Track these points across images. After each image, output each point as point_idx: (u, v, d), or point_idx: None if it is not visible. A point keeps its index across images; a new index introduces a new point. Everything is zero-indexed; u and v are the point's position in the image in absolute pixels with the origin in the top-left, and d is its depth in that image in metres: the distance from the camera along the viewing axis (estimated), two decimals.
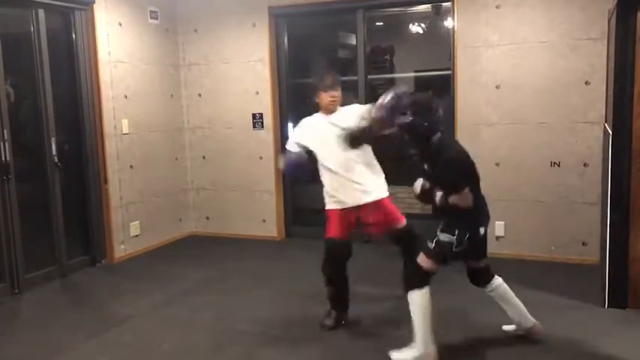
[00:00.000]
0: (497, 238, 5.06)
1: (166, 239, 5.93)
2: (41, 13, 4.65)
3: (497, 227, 5.04)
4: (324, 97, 3.73)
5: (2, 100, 4.35)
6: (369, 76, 5.74)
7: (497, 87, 4.93)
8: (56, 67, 4.83)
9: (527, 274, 4.60)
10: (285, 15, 5.77)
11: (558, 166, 4.83)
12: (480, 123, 5.01)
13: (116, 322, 3.87)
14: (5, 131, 4.32)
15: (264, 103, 5.80)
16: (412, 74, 7.53)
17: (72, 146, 5.03)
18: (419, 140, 3.12)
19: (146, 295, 4.40)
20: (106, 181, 5.18)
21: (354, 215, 3.76)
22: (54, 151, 4.76)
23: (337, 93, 3.73)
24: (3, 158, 4.28)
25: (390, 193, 3.96)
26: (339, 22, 7.11)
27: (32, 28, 4.64)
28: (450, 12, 5.28)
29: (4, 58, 4.37)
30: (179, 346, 3.49)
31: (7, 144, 4.33)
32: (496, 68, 4.92)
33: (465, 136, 5.05)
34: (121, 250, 5.36)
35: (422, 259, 3.18)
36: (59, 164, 4.79)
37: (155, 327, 3.79)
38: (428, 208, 6.42)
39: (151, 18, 5.68)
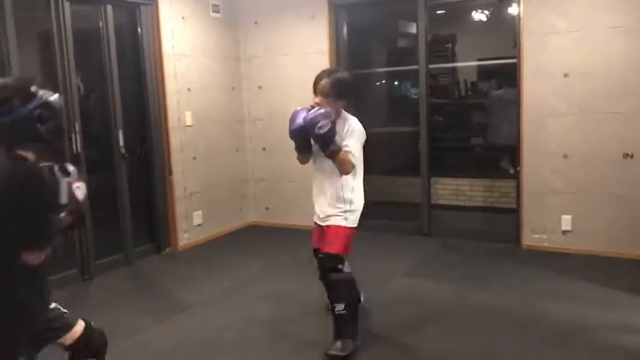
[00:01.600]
0: (564, 232, 4.87)
1: (227, 229, 6.05)
2: (109, 9, 4.81)
3: (564, 221, 4.85)
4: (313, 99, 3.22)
5: (74, 94, 4.54)
6: (431, 65, 5.62)
7: (566, 75, 4.72)
8: (123, 61, 4.99)
9: (594, 269, 4.43)
10: (344, 6, 5.73)
11: (631, 157, 4.58)
12: (547, 113, 4.82)
13: (179, 309, 3.98)
14: (76, 124, 4.51)
15: None
16: (474, 63, 7.35)
17: (138, 138, 5.20)
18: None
19: (208, 283, 4.51)
20: (170, 172, 5.33)
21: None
22: (121, 143, 4.93)
23: (319, 101, 3.16)
24: (74, 149, 4.47)
25: (453, 185, 3.74)
26: (399, 11, 7.01)
27: (101, 24, 4.81)
28: None
29: (75, 53, 4.55)
30: (240, 334, 3.56)
31: (78, 136, 4.52)
32: (564, 56, 4.71)
33: (530, 127, 4.90)
34: (184, 238, 5.51)
35: None
36: (126, 155, 4.97)
37: (216, 315, 3.88)
38: (491, 201, 6.29)
39: (213, 11, 5.78)
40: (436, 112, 6.29)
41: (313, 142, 3.16)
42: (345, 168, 3.15)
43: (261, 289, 4.34)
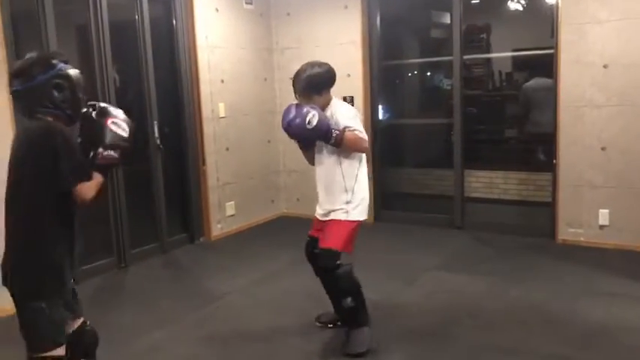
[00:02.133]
0: (601, 226, 4.77)
1: (259, 219, 6.09)
2: (145, 1, 4.87)
3: (602, 215, 4.75)
4: None
5: (110, 86, 4.62)
6: (465, 56, 5.54)
7: (605, 66, 4.60)
8: (158, 53, 5.05)
9: (632, 265, 4.34)
10: None
11: None
12: (584, 105, 4.71)
13: (212, 299, 4.04)
14: None
15: (355, 85, 5.77)
16: (510, 53, 7.21)
17: (172, 129, 5.27)
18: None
19: (240, 273, 4.56)
20: (204, 162, 5.39)
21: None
22: (156, 134, 5.01)
23: (300, 100, 3.15)
24: None
25: (487, 178, 3.67)
26: (432, 0, 6.92)
27: (136, 16, 4.88)
28: None
29: (111, 45, 4.62)
30: (271, 325, 3.59)
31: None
32: (604, 46, 4.58)
33: (567, 118, 4.80)
34: (217, 228, 5.58)
35: None
36: (161, 146, 5.04)
37: (248, 305, 3.92)
38: (526, 194, 6.18)
39: (246, 3, 5.80)
40: (470, 104, 6.21)
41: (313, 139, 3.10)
42: (359, 146, 3.07)
43: (292, 280, 4.37)
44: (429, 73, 8.10)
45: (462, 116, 5.45)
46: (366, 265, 4.63)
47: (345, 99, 5.80)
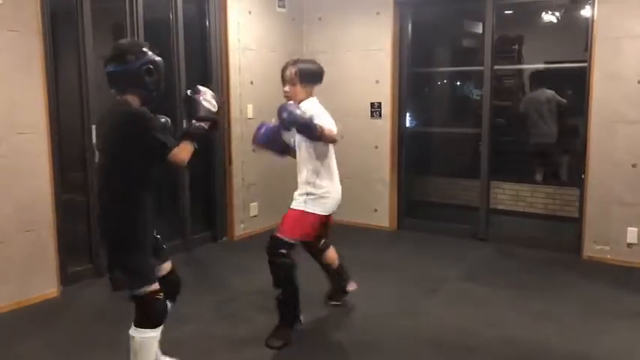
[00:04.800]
0: (629, 245, 4.68)
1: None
2: (179, 1, 4.95)
3: (630, 233, 4.66)
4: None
5: None
6: (496, 67, 5.50)
7: None
8: (190, 52, 5.12)
9: None
10: (410, 3, 5.69)
11: None
12: (617, 120, 4.64)
13: (234, 298, 4.07)
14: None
15: (384, 92, 5.77)
16: (542, 65, 7.14)
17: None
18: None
19: (261, 273, 4.55)
20: (230, 162, 5.44)
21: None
22: None
23: (287, 87, 3.39)
24: None
25: (513, 191, 3.72)
26: (465, 10, 6.90)
27: (171, 16, 4.95)
28: (588, 0, 4.91)
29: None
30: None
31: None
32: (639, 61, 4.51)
33: (598, 134, 4.73)
34: (240, 229, 5.62)
35: None
36: None
37: (267, 306, 3.93)
38: (552, 208, 6.11)
39: (279, 7, 5.85)
40: (499, 115, 6.17)
41: (297, 134, 3.33)
42: (332, 137, 3.29)
43: (310, 282, 4.36)
44: (458, 82, 8.07)
45: (491, 127, 5.40)
46: (387, 272, 4.65)
47: (373, 105, 5.83)
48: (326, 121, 3.28)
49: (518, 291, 4.17)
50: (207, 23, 5.25)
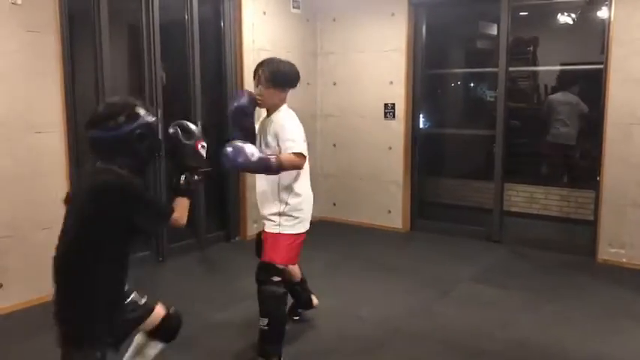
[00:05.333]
0: None
1: None
2: (195, 2, 4.99)
3: None
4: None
5: (158, 84, 4.73)
6: (511, 68, 5.47)
7: None
8: (205, 53, 5.15)
9: None
10: (425, 4, 5.68)
11: None
12: (634, 122, 4.59)
13: (244, 297, 4.07)
14: (159, 111, 4.71)
15: (398, 93, 5.77)
16: (557, 67, 7.09)
17: (215, 128, 5.36)
18: None
19: None
20: None
21: None
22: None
23: (259, 91, 3.01)
24: None
25: (527, 193, 3.62)
26: (480, 11, 6.87)
27: (186, 16, 4.99)
28: (605, 1, 4.87)
29: (160, 44, 4.74)
30: (304, 327, 3.61)
31: (160, 124, 4.70)
32: None
33: (614, 135, 4.69)
34: (253, 228, 5.62)
35: None
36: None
37: None
38: (567, 211, 6.06)
39: (293, 7, 5.87)
40: (513, 117, 6.13)
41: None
42: (296, 165, 2.92)
43: (324, 284, 4.38)
44: (472, 84, 8.03)
45: (505, 128, 5.38)
46: (399, 273, 4.65)
47: (386, 105, 5.83)
48: (290, 145, 2.90)
49: (532, 293, 4.14)
50: (222, 24, 5.29)
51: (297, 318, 3.63)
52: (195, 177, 2.30)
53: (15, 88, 3.75)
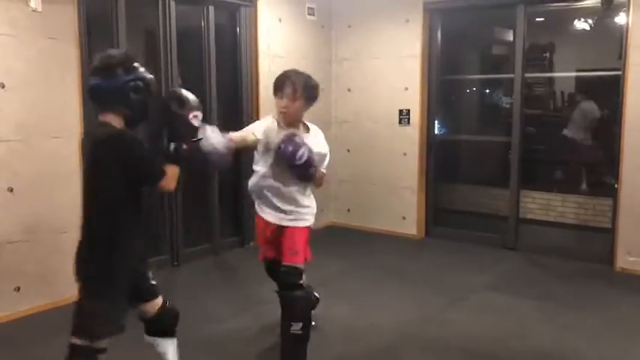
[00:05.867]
0: None
1: None
2: (212, 9, 5.03)
3: None
4: (276, 104, 3.01)
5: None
6: (526, 75, 5.44)
7: None
8: (221, 59, 5.19)
9: None
10: (440, 10, 5.67)
11: None
12: None
13: (258, 302, 4.09)
14: None
15: (412, 99, 5.76)
16: (573, 74, 7.04)
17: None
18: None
19: None
20: None
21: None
22: None
23: (286, 103, 2.94)
24: None
25: (543, 200, 3.57)
26: (495, 17, 6.85)
27: (203, 23, 5.04)
28: (623, 7, 4.83)
29: (177, 49, 4.78)
30: (316, 333, 3.60)
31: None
32: None
33: (632, 142, 4.64)
34: None
35: None
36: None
37: None
38: (584, 218, 6.00)
39: (308, 14, 5.90)
40: (529, 123, 6.10)
41: (290, 170, 2.90)
42: (319, 184, 3.11)
43: (337, 290, 4.38)
44: (487, 90, 8.00)
45: (521, 135, 5.34)
46: (413, 280, 4.62)
47: (401, 112, 5.82)
48: (326, 161, 3.05)
49: (548, 302, 4.10)
50: (238, 30, 5.32)
51: None
52: (184, 146, 2.32)
53: (34, 93, 3.80)
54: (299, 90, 2.94)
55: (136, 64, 2.27)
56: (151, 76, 2.32)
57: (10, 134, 3.70)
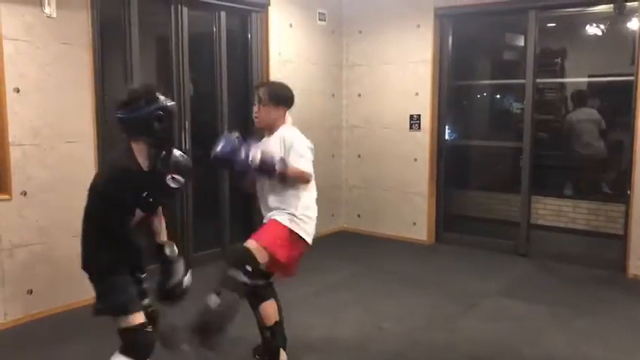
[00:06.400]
0: None
1: (319, 232, 6.05)
2: (223, 15, 5.06)
3: None
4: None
5: (186, 94, 4.81)
6: (538, 80, 5.42)
7: None
8: (232, 64, 5.22)
9: None
10: (451, 16, 5.67)
11: None
12: None
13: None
14: (186, 122, 4.78)
15: (423, 104, 5.75)
16: (585, 79, 7.01)
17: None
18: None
19: (298, 284, 4.58)
20: None
21: None
22: None
23: (257, 109, 3.10)
24: (183, 146, 4.73)
25: (555, 206, 3.57)
26: (506, 22, 6.83)
27: (214, 29, 5.07)
28: (635, 12, 4.81)
29: (189, 55, 4.81)
30: (327, 337, 3.61)
31: (187, 134, 4.78)
32: None
33: None
34: None
35: None
36: None
37: (305, 316, 3.95)
38: (596, 224, 5.95)
39: (319, 20, 5.92)
40: (540, 129, 6.07)
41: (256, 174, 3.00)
42: (302, 181, 3.04)
43: (348, 294, 4.38)
44: (498, 96, 7.97)
45: (532, 141, 5.32)
46: (424, 286, 4.61)
47: (412, 117, 5.82)
48: (298, 160, 2.99)
49: (560, 308, 4.07)
50: (249, 36, 5.35)
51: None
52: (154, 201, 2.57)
53: (48, 98, 3.84)
54: (264, 97, 3.09)
55: (157, 95, 2.48)
56: (171, 103, 2.52)
57: (24, 138, 3.74)
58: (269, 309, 3.17)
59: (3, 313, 3.73)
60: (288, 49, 5.57)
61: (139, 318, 2.48)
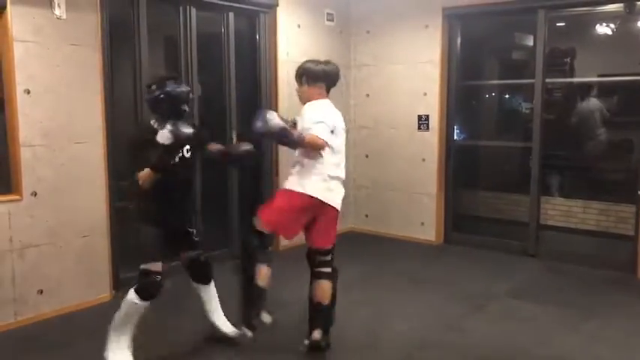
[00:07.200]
0: None
1: None
2: (231, 16, 5.08)
3: None
4: None
5: (195, 95, 4.81)
6: (547, 80, 5.39)
7: None
8: (240, 65, 5.23)
9: None
10: (459, 16, 5.65)
11: None
12: None
13: (278, 306, 4.09)
14: (195, 123, 4.78)
15: (432, 104, 5.74)
16: (595, 79, 6.96)
17: (249, 139, 5.40)
18: None
19: (306, 283, 4.59)
20: (277, 173, 5.51)
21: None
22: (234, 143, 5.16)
23: (298, 88, 3.46)
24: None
25: (564, 206, 3.59)
26: (515, 22, 6.80)
27: (223, 30, 5.08)
28: None
29: (197, 56, 4.83)
30: (336, 336, 3.60)
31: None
32: None
33: None
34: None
35: None
36: None
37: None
38: (606, 225, 5.91)
39: (327, 20, 5.92)
40: (549, 128, 6.03)
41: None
42: (315, 148, 3.22)
43: (357, 295, 4.37)
44: (507, 95, 7.94)
45: (541, 140, 5.29)
46: (432, 287, 4.60)
47: (420, 117, 5.81)
48: (313, 127, 3.20)
49: (569, 309, 4.05)
50: (258, 37, 5.36)
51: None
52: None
53: (58, 99, 3.87)
54: (301, 74, 3.42)
55: (167, 82, 3.14)
56: (179, 89, 3.17)
57: (34, 139, 3.77)
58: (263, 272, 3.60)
59: (13, 312, 3.76)
60: (296, 50, 5.57)
61: (157, 267, 3.09)
